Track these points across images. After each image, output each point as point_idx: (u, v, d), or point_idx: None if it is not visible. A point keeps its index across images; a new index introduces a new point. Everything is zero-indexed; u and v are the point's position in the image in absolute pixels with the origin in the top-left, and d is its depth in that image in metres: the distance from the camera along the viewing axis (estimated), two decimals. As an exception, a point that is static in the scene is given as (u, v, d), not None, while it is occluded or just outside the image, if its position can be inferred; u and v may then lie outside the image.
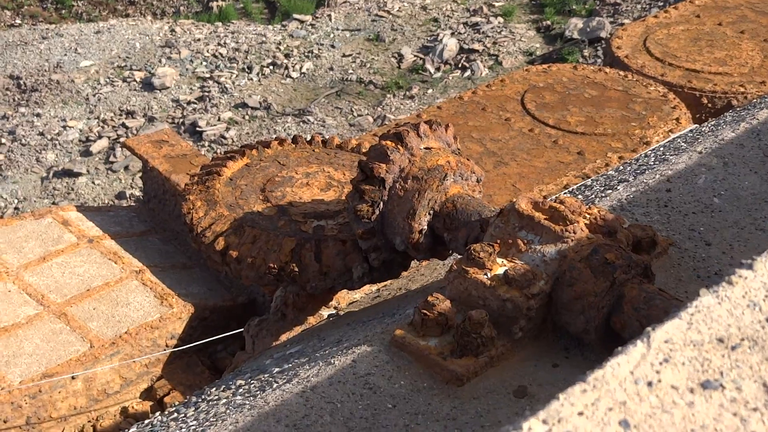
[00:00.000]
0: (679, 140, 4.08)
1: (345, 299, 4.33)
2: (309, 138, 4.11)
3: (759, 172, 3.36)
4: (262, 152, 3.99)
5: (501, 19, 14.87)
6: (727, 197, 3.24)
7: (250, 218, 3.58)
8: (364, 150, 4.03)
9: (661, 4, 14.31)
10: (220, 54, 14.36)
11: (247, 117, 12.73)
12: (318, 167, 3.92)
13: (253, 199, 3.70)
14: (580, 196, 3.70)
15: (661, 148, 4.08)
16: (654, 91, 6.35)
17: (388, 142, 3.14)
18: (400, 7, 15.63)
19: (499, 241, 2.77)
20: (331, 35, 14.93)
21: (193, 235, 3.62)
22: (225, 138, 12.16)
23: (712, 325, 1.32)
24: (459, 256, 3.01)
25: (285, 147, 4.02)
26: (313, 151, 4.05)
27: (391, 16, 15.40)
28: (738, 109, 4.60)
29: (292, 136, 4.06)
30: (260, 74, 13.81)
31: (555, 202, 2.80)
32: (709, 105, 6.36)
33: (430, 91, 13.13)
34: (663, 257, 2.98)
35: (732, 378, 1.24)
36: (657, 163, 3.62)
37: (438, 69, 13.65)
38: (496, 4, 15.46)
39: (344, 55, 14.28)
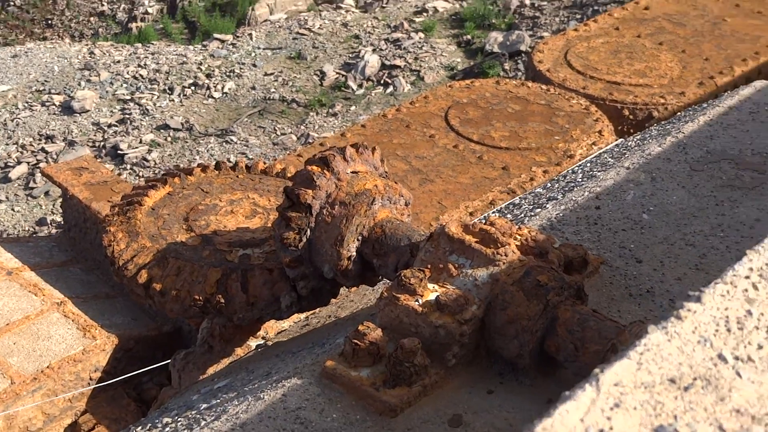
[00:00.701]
0: (606, 155, 4.07)
1: (273, 328, 4.25)
2: (233, 163, 4.02)
3: (687, 186, 3.35)
4: (185, 180, 3.89)
5: (422, 35, 14.88)
6: (656, 213, 3.23)
7: (174, 249, 3.48)
8: (289, 174, 3.95)
9: (579, 16, 14.45)
10: (141, 75, 14.18)
11: (169, 139, 12.57)
12: (242, 194, 3.83)
13: (177, 229, 3.61)
14: (509, 215, 3.67)
15: (588, 164, 4.07)
16: (576, 104, 6.36)
17: (314, 167, 3.07)
18: (321, 25, 15.58)
19: (429, 266, 2.71)
20: (253, 54, 14.83)
21: (114, 268, 3.50)
22: (147, 160, 11.98)
23: (662, 364, 1.26)
24: (389, 282, 2.95)
25: (208, 174, 3.92)
26: (237, 177, 3.96)
27: (312, 33, 15.34)
28: (664, 122, 4.61)
29: (215, 162, 3.96)
30: (182, 95, 13.65)
31: (485, 223, 2.75)
32: (631, 117, 6.39)
33: (353, 108, 13.09)
34: (595, 276, 2.95)
35: (686, 422, 1.19)
36: (585, 179, 3.60)
37: (360, 86, 13.62)
38: (417, 20, 15.48)
39: (266, 74, 14.18)
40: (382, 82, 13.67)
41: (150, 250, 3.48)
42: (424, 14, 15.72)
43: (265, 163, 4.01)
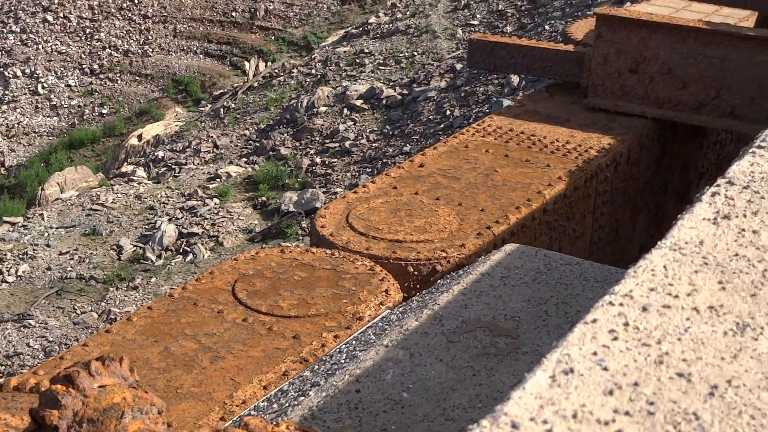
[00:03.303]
0: (369, 331, 4.10)
1: None
2: (-16, 383, 3.84)
3: (444, 359, 3.39)
4: (-68, 405, 3.70)
5: (217, 201, 14.95)
6: (416, 390, 3.24)
7: None
8: (43, 389, 3.81)
9: (369, 170, 14.82)
10: (-72, 267, 13.70)
11: (-38, 330, 12.10)
12: (-6, 414, 3.66)
13: None
14: (275, 405, 3.63)
15: (353, 342, 4.09)
16: (361, 266, 6.42)
17: (58, 386, 2.97)
18: (114, 199, 15.44)
19: (184, 478, 2.64)
20: (46, 234, 14.54)
21: None
22: (-61, 355, 11.50)
23: None
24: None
25: (-42, 396, 3.74)
26: (-11, 396, 3.79)
27: (105, 208, 15.18)
28: (423, 292, 4.70)
29: (-35, 383, 3.79)
30: (-27, 283, 13.23)
31: (239, 426, 2.70)
32: (416, 273, 6.48)
33: (153, 279, 12.94)
34: (357, 465, 2.93)
35: None
36: (347, 361, 3.60)
37: (159, 256, 13.51)
38: (211, 186, 15.55)
39: (61, 253, 13.91)
40: (181, 250, 13.60)
41: None
42: (218, 180, 15.82)
43: (18, 378, 3.85)
